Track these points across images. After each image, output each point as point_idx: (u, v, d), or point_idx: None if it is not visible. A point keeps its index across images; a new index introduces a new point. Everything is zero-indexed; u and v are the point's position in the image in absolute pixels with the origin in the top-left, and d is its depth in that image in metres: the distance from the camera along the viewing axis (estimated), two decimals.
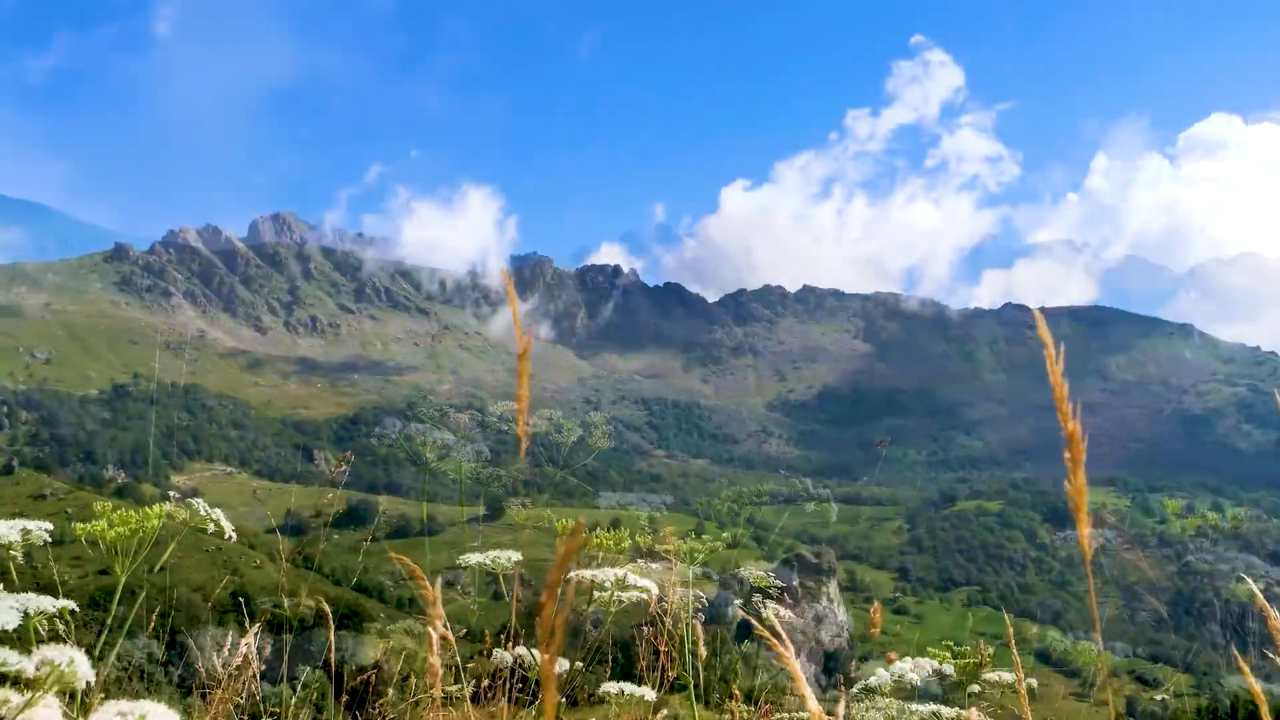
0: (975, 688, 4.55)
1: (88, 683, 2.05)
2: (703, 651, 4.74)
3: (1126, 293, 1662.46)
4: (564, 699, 4.57)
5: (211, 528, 3.67)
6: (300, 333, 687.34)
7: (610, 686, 4.00)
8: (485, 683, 4.77)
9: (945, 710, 4.68)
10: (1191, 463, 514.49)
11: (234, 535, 3.78)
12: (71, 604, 2.84)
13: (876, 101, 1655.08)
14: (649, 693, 4.01)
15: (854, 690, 4.97)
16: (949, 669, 4.63)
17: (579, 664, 4.31)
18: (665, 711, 5.02)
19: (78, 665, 2.03)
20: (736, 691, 5.38)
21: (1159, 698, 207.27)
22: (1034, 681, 4.72)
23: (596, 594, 3.83)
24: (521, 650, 4.42)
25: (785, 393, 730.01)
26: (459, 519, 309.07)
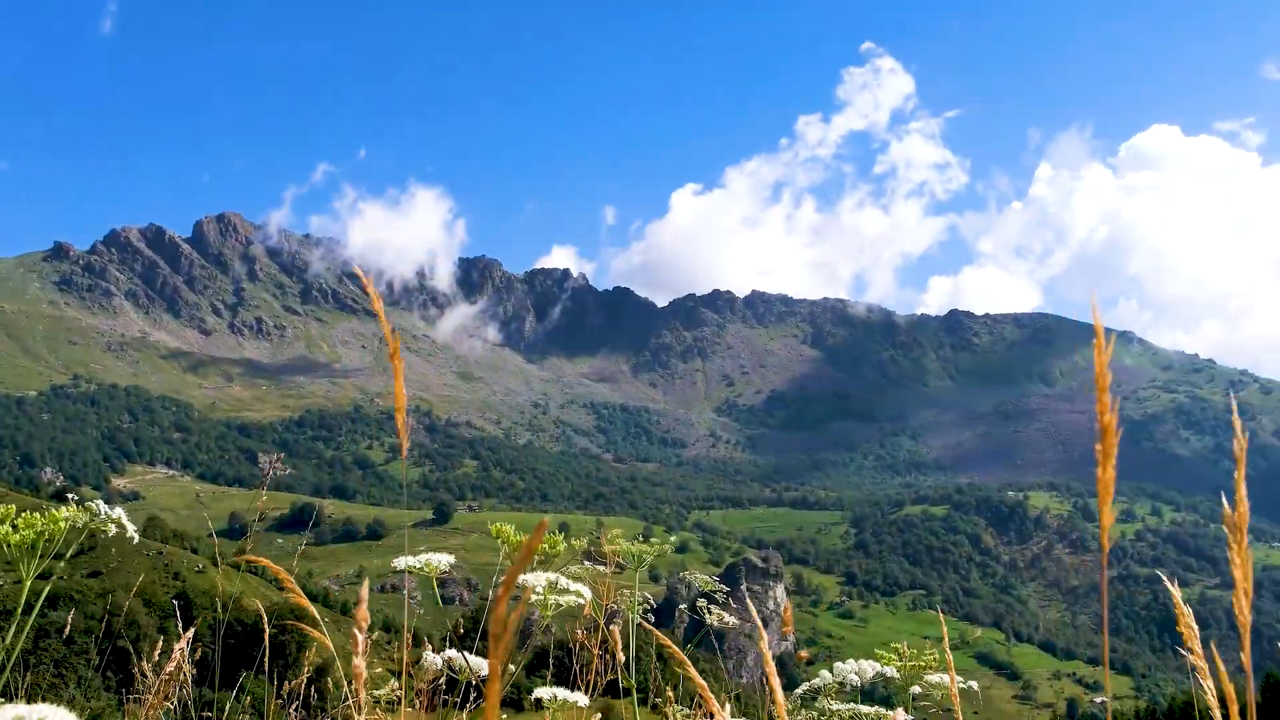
0: (917, 689, 4.60)
1: None
2: (621, 656, 4.68)
3: (1069, 300, 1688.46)
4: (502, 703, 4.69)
5: (113, 529, 3.59)
6: (245, 335, 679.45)
7: (543, 692, 4.01)
8: (418, 685, 5.00)
9: (864, 709, 4.72)
10: (1131, 468, 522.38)
11: (136, 536, 3.55)
12: None
13: (828, 108, 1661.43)
14: (582, 698, 4.04)
15: (797, 692, 4.94)
16: (892, 671, 4.68)
17: (510, 667, 4.08)
18: (599, 717, 5.15)
19: None
20: (670, 694, 5.51)
21: (1098, 700, 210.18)
22: (974, 684, 4.75)
23: (533, 598, 3.85)
24: (452, 653, 4.34)
25: (733, 397, 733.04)
26: (405, 523, 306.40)
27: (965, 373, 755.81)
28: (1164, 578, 3.07)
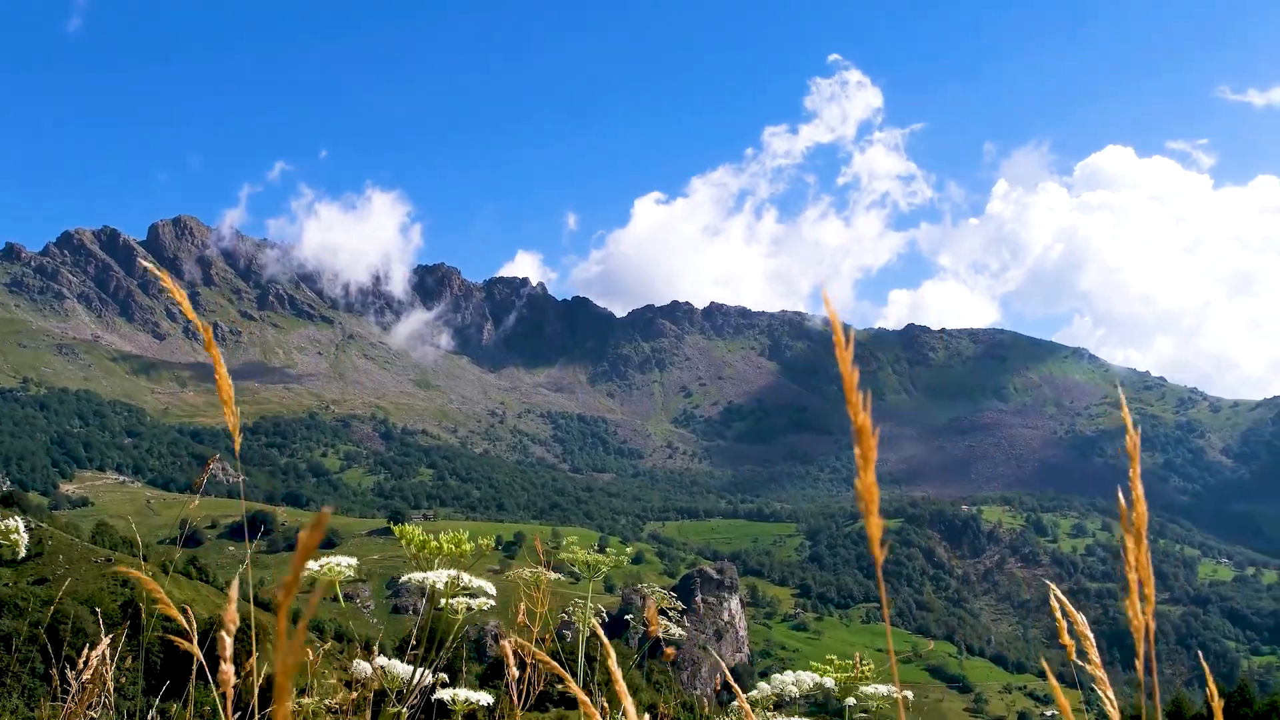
0: (851, 700, 4.58)
1: None
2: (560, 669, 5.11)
3: (1024, 316, 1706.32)
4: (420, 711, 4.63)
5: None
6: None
7: (444, 694, 3.87)
8: (353, 696, 4.77)
9: None
10: (1083, 483, 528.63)
11: (23, 551, 3.19)
12: None
13: (795, 118, 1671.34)
14: (485, 697, 3.92)
15: (733, 705, 4.98)
16: (830, 682, 4.66)
17: (428, 677, 4.03)
18: None
19: None
20: (606, 704, 5.47)
21: (1049, 714, 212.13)
22: (909, 694, 4.60)
23: (443, 602, 3.71)
24: (383, 660, 4.17)
25: (691, 409, 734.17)
26: (358, 531, 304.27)
27: (921, 388, 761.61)
28: (1050, 585, 2.74)
